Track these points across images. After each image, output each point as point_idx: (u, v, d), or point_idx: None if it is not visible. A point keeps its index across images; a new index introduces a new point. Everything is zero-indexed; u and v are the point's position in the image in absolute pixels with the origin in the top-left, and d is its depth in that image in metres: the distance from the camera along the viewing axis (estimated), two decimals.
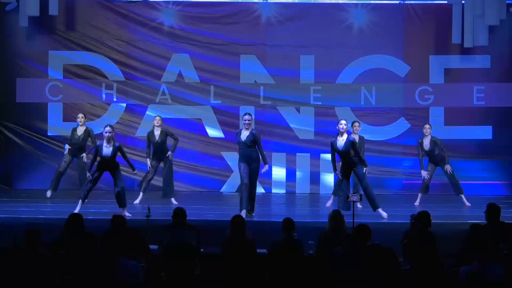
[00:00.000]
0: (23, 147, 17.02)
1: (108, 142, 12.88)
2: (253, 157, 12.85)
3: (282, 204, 15.09)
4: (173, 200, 14.50)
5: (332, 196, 14.32)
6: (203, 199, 15.32)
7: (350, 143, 12.61)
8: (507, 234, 8.53)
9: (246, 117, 12.94)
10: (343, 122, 12.75)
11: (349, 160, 12.76)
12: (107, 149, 12.87)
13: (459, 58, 17.04)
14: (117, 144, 12.99)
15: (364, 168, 12.81)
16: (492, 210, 8.97)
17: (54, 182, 15.33)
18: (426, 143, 14.79)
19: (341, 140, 12.66)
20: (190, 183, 16.84)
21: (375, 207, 12.72)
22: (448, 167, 14.77)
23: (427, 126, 14.97)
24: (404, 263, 8.25)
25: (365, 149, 14.58)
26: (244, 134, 12.86)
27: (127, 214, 12.50)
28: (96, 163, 13.05)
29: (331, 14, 17.17)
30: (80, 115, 15.33)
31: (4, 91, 17.09)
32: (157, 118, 14.88)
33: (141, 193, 14.59)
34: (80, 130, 15.22)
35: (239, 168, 12.93)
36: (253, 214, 12.85)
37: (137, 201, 14.33)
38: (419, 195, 14.80)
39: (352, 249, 7.68)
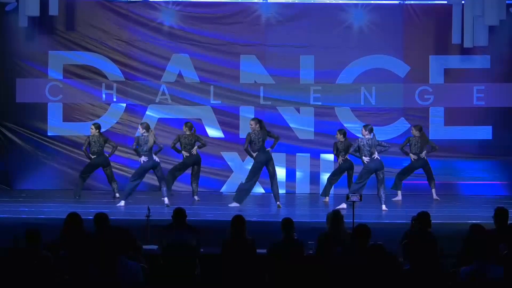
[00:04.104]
0: (23, 147, 17.01)
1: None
2: None
3: (282, 204, 15.06)
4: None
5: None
6: (203, 199, 15.32)
7: None
8: None
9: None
10: None
11: None
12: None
13: (459, 58, 17.04)
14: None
15: None
16: (501, 214, 8.89)
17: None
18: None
19: None
20: (190, 183, 16.81)
21: None
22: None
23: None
24: (404, 263, 8.25)
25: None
26: None
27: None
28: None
29: (331, 14, 17.17)
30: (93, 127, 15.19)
31: (4, 91, 17.09)
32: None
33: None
34: (97, 137, 15.08)
35: None
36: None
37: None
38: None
39: (352, 249, 7.67)
